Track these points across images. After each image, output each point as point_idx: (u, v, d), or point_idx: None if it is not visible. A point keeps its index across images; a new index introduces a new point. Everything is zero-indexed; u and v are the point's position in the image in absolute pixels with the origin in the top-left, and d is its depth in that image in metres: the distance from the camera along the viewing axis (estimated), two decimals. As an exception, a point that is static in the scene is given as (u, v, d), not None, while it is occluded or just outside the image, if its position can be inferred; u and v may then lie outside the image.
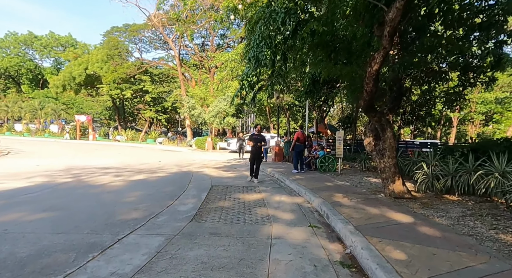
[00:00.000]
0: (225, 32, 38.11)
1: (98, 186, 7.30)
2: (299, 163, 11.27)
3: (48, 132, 40.40)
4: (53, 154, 16.92)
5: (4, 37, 43.60)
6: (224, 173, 10.85)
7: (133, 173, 9.72)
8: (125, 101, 41.09)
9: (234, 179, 9.26)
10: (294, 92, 14.90)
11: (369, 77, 4.94)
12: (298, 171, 11.07)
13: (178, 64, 30.16)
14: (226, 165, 14.08)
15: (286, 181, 9.01)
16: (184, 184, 7.99)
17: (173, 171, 10.90)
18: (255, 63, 5.15)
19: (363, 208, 5.26)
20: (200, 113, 26.65)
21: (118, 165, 11.96)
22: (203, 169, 11.91)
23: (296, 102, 15.39)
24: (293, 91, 14.83)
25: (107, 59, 30.39)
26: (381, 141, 6.10)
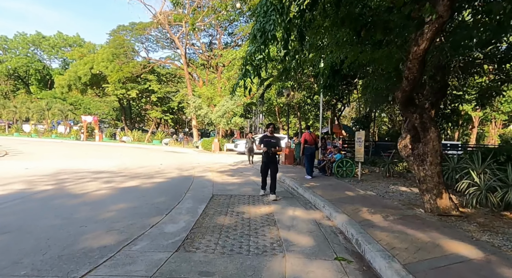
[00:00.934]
0: (233, 30, 37.22)
1: (79, 195, 6.24)
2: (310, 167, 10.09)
3: (55, 132, 40.17)
4: (52, 155, 16.11)
5: (13, 38, 43.75)
6: (229, 178, 9.71)
7: (127, 179, 8.67)
8: (132, 101, 40.52)
9: (240, 186, 8.10)
10: (306, 89, 13.69)
11: (414, 60, 3.72)
12: (311, 177, 9.88)
13: (184, 62, 29.27)
14: (232, 168, 12.95)
15: (299, 189, 7.80)
16: (180, 192, 6.88)
17: (172, 175, 9.82)
18: (261, 37, 3.98)
19: (404, 232, 4.02)
20: (206, 113, 25.64)
21: (114, 169, 10.96)
22: (206, 173, 10.80)
23: (308, 100, 14.23)
24: (305, 88, 13.62)
25: (113, 58, 29.74)
26: (421, 144, 4.85)
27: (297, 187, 8.05)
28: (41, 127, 43.85)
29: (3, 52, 44.34)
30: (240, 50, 24.36)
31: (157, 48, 37.64)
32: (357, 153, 9.18)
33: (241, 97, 25.81)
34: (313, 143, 10.29)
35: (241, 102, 25.57)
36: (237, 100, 24.88)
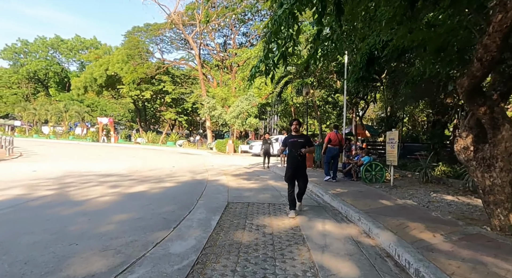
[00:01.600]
0: (247, 30, 36.62)
1: (79, 202, 5.59)
2: (332, 170, 9.18)
3: (72, 134, 40.71)
4: (64, 157, 15.83)
5: (33, 42, 44.84)
6: (245, 183, 8.90)
7: (135, 183, 8.02)
8: (147, 103, 40.55)
9: (257, 192, 7.28)
10: (327, 87, 12.73)
11: (495, 33, 2.80)
12: (330, 177, 8.98)
13: (198, 62, 28.83)
14: (247, 171, 12.16)
15: (325, 196, 6.90)
16: (192, 199, 6.12)
17: (184, 179, 9.11)
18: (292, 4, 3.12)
19: (479, 260, 3.08)
20: (220, 113, 25.02)
21: (124, 171, 10.39)
22: (221, 176, 10.05)
23: (329, 98, 13.22)
24: (325, 86, 12.66)
25: (128, 59, 29.68)
26: (488, 145, 3.89)
27: (322, 193, 7.15)
28: (59, 129, 44.66)
29: (24, 55, 45.53)
30: (255, 48, 23.61)
31: (172, 50, 37.63)
32: (389, 156, 8.18)
33: (256, 97, 25.07)
34: (337, 144, 9.35)
35: (256, 102, 24.81)
36: (252, 100, 24.14)
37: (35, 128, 42.62)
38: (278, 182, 9.22)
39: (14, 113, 44.65)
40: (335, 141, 9.56)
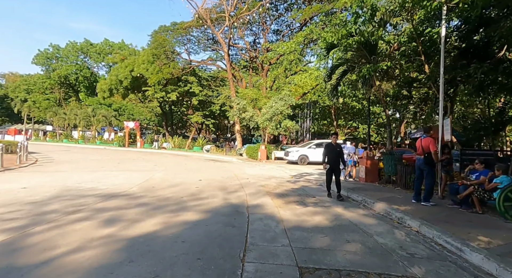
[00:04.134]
0: (279, 27, 33.91)
1: (24, 272, 3.01)
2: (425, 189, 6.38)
3: (100, 139, 40.06)
4: (78, 166, 13.86)
5: (64, 47, 45.27)
6: (303, 211, 6.02)
7: (144, 213, 5.42)
8: (173, 106, 39.00)
9: (336, 238, 4.37)
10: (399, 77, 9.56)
11: None
12: (428, 203, 6.28)
13: (227, 60, 26.50)
14: (294, 188, 9.28)
15: (466, 251, 3.81)
16: (232, 259, 3.37)
17: (214, 204, 6.39)
18: None
19: None
20: (252, 115, 22.35)
21: (136, 189, 7.90)
22: (264, 198, 7.26)
23: (404, 92, 10.06)
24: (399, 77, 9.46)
25: (153, 59, 28.02)
26: None
27: (458, 246, 4.05)
28: (88, 134, 44.46)
29: (55, 61, 46.09)
30: (291, 42, 20.78)
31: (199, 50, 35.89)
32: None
33: (292, 96, 22.19)
34: (421, 152, 6.52)
35: (292, 102, 21.89)
36: (288, 100, 21.26)
37: (65, 133, 42.60)
38: (349, 209, 6.24)
39: (46, 118, 45.14)
40: (419, 150, 6.57)
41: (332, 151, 7.53)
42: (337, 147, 7.63)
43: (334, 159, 7.51)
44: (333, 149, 7.54)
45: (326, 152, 7.57)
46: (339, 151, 7.63)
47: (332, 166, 7.45)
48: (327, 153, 7.54)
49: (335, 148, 7.59)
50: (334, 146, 7.62)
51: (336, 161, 7.54)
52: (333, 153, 7.50)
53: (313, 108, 27.31)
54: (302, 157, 18.92)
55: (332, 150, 7.53)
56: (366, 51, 9.48)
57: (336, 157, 7.54)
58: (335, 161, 7.51)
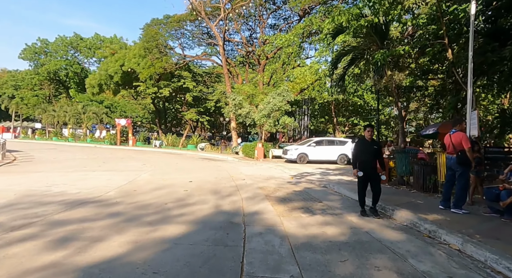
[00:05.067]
0: (275, 22, 32.77)
1: None
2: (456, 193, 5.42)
3: (91, 137, 38.65)
4: (57, 165, 12.69)
5: (53, 41, 43.59)
6: (311, 221, 4.95)
7: (114, 226, 4.32)
8: (167, 103, 37.71)
9: (360, 256, 3.30)
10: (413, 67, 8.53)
11: None
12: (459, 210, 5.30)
13: (222, 54, 25.32)
14: (297, 190, 8.22)
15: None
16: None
17: (203, 213, 5.30)
18: None
19: None
20: (248, 112, 21.23)
21: (114, 193, 6.78)
22: (263, 204, 6.19)
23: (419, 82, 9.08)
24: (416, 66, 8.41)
25: (145, 53, 26.70)
26: None
27: None
28: (79, 131, 42.96)
29: (44, 55, 44.38)
30: (290, 33, 19.67)
31: (193, 45, 34.51)
32: None
33: (291, 92, 21.12)
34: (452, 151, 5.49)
35: (291, 98, 20.82)
36: (286, 96, 20.18)
37: (55, 131, 41.08)
38: (365, 218, 5.18)
39: (34, 115, 43.55)
40: (449, 148, 5.55)
41: (367, 150, 5.39)
42: (374, 145, 5.47)
43: (371, 162, 5.35)
44: (368, 148, 5.40)
45: (358, 151, 5.47)
46: (376, 150, 5.44)
47: (368, 172, 5.32)
48: (359, 153, 5.45)
49: (371, 146, 5.41)
50: (370, 144, 5.44)
51: (373, 164, 5.38)
52: (369, 153, 5.37)
53: (311, 104, 26.27)
54: (302, 155, 17.89)
55: (367, 149, 5.39)
56: (377, 37, 8.44)
57: (373, 158, 5.38)
58: (371, 165, 5.35)
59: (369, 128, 5.53)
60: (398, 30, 9.58)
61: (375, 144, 5.55)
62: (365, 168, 5.33)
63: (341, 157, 18.13)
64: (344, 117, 27.90)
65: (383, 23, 8.06)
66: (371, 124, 6.00)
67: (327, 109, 25.84)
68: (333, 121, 25.39)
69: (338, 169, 15.21)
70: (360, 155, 5.45)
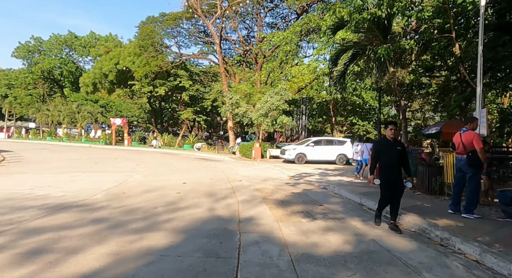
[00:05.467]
0: (273, 20, 32.40)
1: None
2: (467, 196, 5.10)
3: (86, 137, 38.05)
4: (46, 166, 12.23)
5: (48, 40, 42.87)
6: (312, 227, 4.57)
7: (98, 232, 3.91)
8: (163, 103, 37.20)
9: (369, 269, 2.92)
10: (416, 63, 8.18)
11: None
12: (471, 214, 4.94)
13: (218, 52, 24.91)
14: (295, 192, 7.85)
15: None
16: None
17: (195, 218, 4.90)
18: None
19: None
20: (245, 111, 20.84)
21: (101, 196, 6.36)
22: (260, 207, 5.81)
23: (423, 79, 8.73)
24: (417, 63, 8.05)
25: (140, 51, 26.20)
26: None
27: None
28: (74, 131, 42.30)
29: (38, 54, 43.65)
30: (287, 31, 19.30)
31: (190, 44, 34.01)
32: None
33: (289, 91, 20.77)
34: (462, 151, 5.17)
35: (289, 97, 20.46)
36: (284, 94, 19.81)
37: (49, 130, 40.40)
38: (369, 223, 4.79)
39: (28, 115, 42.85)
40: (459, 148, 5.18)
41: (389, 152, 4.47)
42: (398, 145, 4.52)
43: (394, 166, 4.47)
44: (391, 149, 4.47)
45: (378, 153, 4.60)
46: (401, 152, 4.46)
47: (390, 179, 4.45)
48: (379, 155, 4.58)
49: (394, 147, 4.46)
50: (393, 144, 4.50)
51: (398, 169, 4.52)
52: (392, 155, 4.44)
53: (309, 104, 25.91)
54: (300, 155, 17.54)
55: (390, 151, 4.46)
56: (379, 32, 8.07)
57: (397, 162, 4.46)
58: (395, 170, 4.47)
59: (391, 125, 4.55)
60: (401, 25, 9.24)
61: (398, 144, 4.57)
62: (388, 173, 4.47)
63: (340, 157, 17.81)
64: (343, 117, 27.58)
65: (386, 17, 7.70)
66: (394, 121, 5.16)
67: (325, 108, 25.49)
68: (332, 120, 25.01)
69: (337, 169, 14.87)
70: (380, 158, 4.56)
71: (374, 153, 4.76)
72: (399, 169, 4.55)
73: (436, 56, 8.10)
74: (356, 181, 10.34)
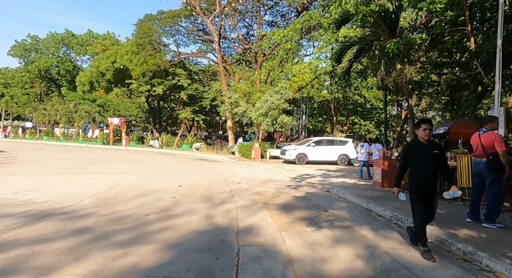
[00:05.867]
0: (273, 18, 31.93)
1: None
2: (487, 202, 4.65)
3: (83, 136, 37.58)
4: (37, 167, 11.79)
5: (45, 38, 42.35)
6: (317, 236, 4.11)
7: (78, 246, 3.47)
8: (162, 102, 36.73)
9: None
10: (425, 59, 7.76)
11: None
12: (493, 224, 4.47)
13: (217, 50, 24.45)
14: (298, 196, 7.41)
15: None
16: None
17: (189, 228, 4.46)
18: None
19: None
20: (245, 110, 20.39)
21: (89, 201, 5.91)
22: (260, 213, 5.36)
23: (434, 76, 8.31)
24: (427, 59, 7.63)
25: (138, 50, 25.72)
26: None
27: None
28: (72, 131, 41.80)
29: (35, 53, 43.11)
30: (288, 29, 18.87)
31: (189, 42, 33.44)
32: None
33: (289, 90, 20.33)
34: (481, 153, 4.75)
35: (289, 96, 20.01)
36: (285, 93, 19.36)
37: (46, 130, 39.89)
38: (380, 233, 4.34)
39: (25, 114, 42.33)
40: (477, 150, 4.75)
41: (423, 157, 3.61)
42: (435, 148, 3.64)
43: (430, 174, 3.62)
44: (425, 154, 3.60)
45: (409, 159, 3.72)
46: (439, 156, 3.60)
47: (425, 190, 3.62)
48: (411, 161, 3.71)
49: (430, 151, 3.60)
50: (428, 147, 3.62)
51: (434, 178, 3.69)
52: (428, 161, 3.59)
53: (309, 103, 25.49)
54: (301, 156, 17.11)
55: (425, 155, 3.60)
56: (386, 26, 7.63)
57: (434, 169, 3.63)
58: (431, 180, 3.64)
59: (425, 124, 3.62)
60: (407, 20, 8.80)
61: (435, 147, 3.69)
62: (423, 185, 3.60)
63: (341, 158, 17.40)
64: (344, 116, 27.16)
65: (393, 11, 7.27)
66: (428, 119, 4.25)
67: (326, 107, 25.05)
68: (333, 120, 24.56)
69: (339, 170, 14.46)
70: (412, 165, 3.69)
71: (402, 159, 3.85)
72: (435, 178, 3.69)
73: (446, 52, 7.66)
74: (360, 183, 9.93)
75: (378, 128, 26.55)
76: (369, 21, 7.71)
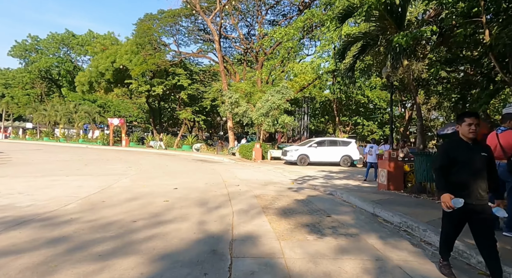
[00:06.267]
0: (274, 18, 31.57)
1: None
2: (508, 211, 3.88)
3: (83, 137, 37.34)
4: (31, 169, 11.45)
5: (45, 38, 42.20)
6: (319, 246, 3.69)
7: (50, 259, 3.07)
8: (162, 102, 36.41)
9: None
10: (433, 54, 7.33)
11: None
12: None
13: (218, 49, 24.08)
14: (299, 199, 7.00)
15: None
16: None
17: (178, 236, 4.04)
18: None
19: None
20: (245, 110, 20.00)
21: (74, 205, 5.52)
22: (258, 219, 4.95)
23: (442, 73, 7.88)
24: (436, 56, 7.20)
25: (138, 49, 25.41)
26: None
27: None
28: (72, 132, 41.59)
29: (35, 53, 42.96)
30: (289, 27, 18.47)
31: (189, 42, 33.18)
32: None
33: (291, 90, 19.92)
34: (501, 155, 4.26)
35: (291, 96, 19.61)
36: (286, 93, 18.96)
37: (46, 131, 39.68)
38: (389, 241, 3.91)
39: (25, 115, 42.16)
40: (496, 151, 4.29)
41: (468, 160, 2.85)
42: (482, 151, 2.89)
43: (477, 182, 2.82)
44: (471, 156, 2.86)
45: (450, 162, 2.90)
46: (488, 159, 2.88)
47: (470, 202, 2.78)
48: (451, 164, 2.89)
49: (477, 153, 2.87)
50: (474, 149, 2.89)
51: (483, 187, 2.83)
52: (474, 165, 2.84)
53: (311, 103, 25.06)
54: (302, 157, 16.70)
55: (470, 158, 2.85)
56: (392, 20, 7.21)
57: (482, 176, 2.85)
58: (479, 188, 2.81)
59: (470, 118, 2.85)
60: (414, 15, 8.38)
61: (483, 148, 2.94)
62: (468, 193, 2.79)
63: (344, 159, 16.98)
64: (346, 117, 26.72)
65: (400, 3, 6.85)
66: (474, 112, 3.35)
67: (328, 108, 24.60)
68: (335, 120, 24.09)
69: (342, 171, 14.04)
70: (453, 169, 2.88)
71: (440, 161, 2.96)
72: (484, 186, 2.83)
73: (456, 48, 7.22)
74: (365, 185, 9.51)
75: (381, 128, 26.05)
76: (374, 15, 7.30)
